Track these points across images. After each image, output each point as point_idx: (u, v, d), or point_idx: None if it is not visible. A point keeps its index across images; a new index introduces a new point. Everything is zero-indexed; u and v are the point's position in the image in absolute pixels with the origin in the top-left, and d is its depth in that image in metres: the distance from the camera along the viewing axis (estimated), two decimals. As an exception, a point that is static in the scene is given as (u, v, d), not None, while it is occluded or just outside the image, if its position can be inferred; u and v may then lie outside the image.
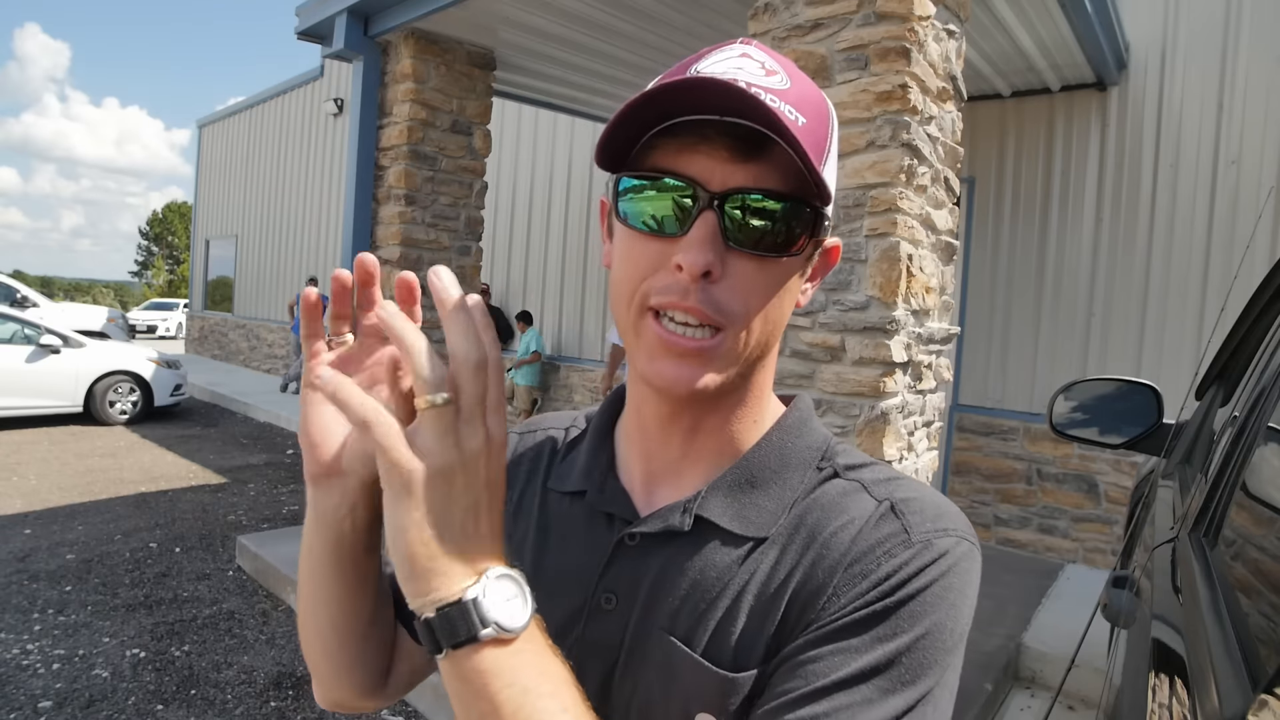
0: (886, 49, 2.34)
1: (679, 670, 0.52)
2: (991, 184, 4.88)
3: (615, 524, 0.59)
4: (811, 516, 0.54)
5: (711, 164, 0.49)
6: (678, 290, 0.49)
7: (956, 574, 0.50)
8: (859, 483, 0.55)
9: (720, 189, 0.49)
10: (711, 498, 0.56)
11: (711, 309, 0.50)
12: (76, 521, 4.92)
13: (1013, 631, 3.39)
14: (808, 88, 0.53)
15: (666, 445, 0.59)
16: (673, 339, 0.50)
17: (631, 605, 0.56)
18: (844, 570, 0.50)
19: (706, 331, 0.50)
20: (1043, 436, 4.62)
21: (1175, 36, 4.29)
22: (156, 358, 8.75)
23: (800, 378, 2.52)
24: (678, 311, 0.50)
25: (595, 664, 0.56)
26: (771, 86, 0.50)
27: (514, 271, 8.37)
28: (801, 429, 0.59)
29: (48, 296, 18.50)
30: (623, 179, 0.52)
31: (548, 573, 0.60)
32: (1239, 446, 1.14)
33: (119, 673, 3.04)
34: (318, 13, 4.14)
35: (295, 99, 12.35)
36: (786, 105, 0.49)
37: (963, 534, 0.52)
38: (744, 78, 0.50)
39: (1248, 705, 0.65)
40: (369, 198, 4.24)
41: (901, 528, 0.51)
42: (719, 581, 0.53)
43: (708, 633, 0.52)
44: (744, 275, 0.50)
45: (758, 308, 0.51)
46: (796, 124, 0.48)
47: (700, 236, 0.49)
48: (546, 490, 0.66)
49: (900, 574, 0.49)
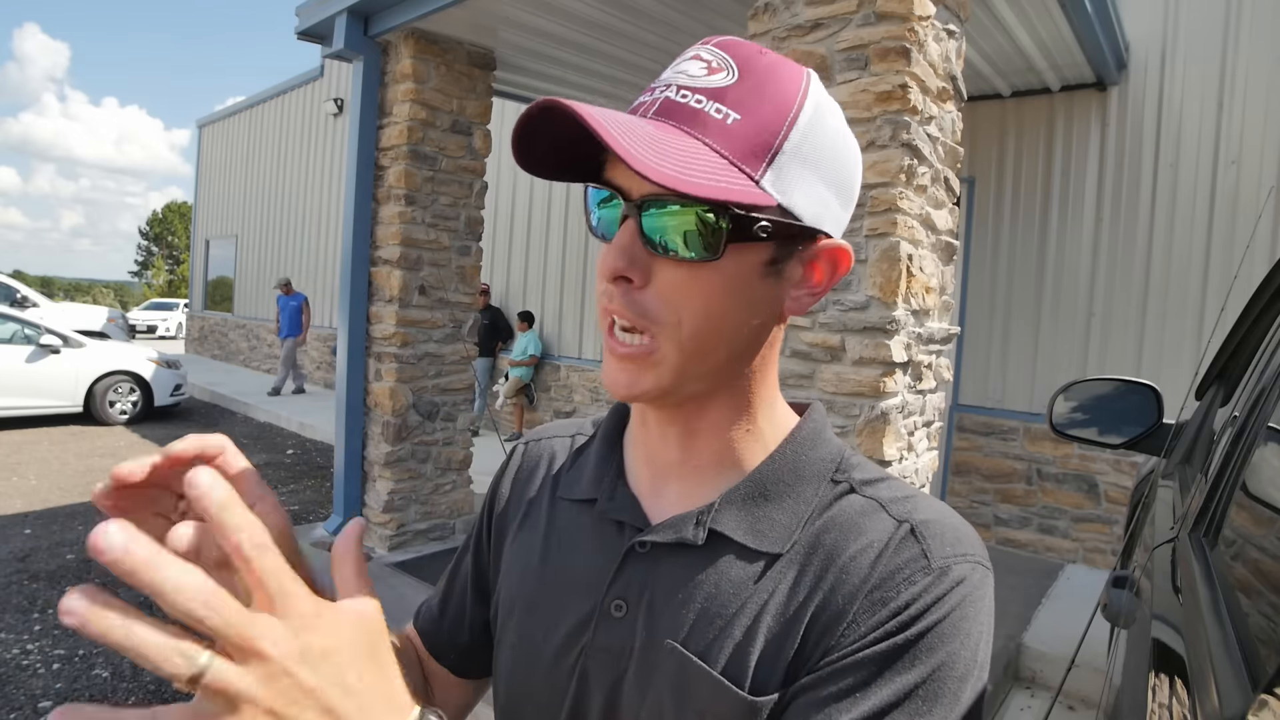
0: (886, 49, 2.34)
1: (694, 685, 0.52)
2: (991, 184, 4.88)
3: (625, 531, 0.59)
4: (829, 536, 0.53)
5: (631, 172, 0.49)
6: (608, 294, 0.51)
7: (973, 602, 0.50)
8: (877, 501, 0.54)
9: (637, 196, 0.50)
10: (725, 511, 0.56)
11: (635, 313, 0.50)
12: (76, 521, 4.92)
13: (1013, 631, 3.39)
14: (766, 83, 0.50)
15: (665, 448, 0.59)
16: (612, 343, 0.52)
17: (640, 613, 0.55)
18: (864, 597, 0.50)
19: (638, 337, 0.51)
20: (1043, 436, 4.62)
21: (1175, 36, 4.29)
22: (156, 358, 8.75)
23: (800, 378, 2.52)
24: (616, 317, 0.51)
25: (604, 671, 0.56)
26: (705, 86, 0.50)
27: (514, 271, 8.37)
28: (816, 441, 0.59)
29: (48, 296, 18.50)
30: (589, 189, 0.55)
31: (558, 580, 0.60)
32: (1239, 446, 1.14)
33: (119, 673, 3.04)
34: (318, 13, 4.14)
35: (295, 99, 12.35)
36: (714, 104, 0.49)
37: (979, 558, 0.52)
38: (681, 81, 0.50)
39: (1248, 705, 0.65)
40: (369, 198, 4.24)
41: (921, 552, 0.50)
42: (735, 598, 0.53)
43: (725, 651, 0.52)
44: (671, 281, 0.50)
45: (692, 314, 0.50)
46: (725, 122, 0.48)
47: (618, 243, 0.50)
48: (556, 499, 0.65)
49: (920, 602, 0.49)
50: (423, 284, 4.23)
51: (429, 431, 4.35)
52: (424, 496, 4.37)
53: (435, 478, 4.42)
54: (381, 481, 4.24)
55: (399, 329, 4.14)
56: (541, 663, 0.58)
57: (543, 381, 7.85)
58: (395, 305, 4.13)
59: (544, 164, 0.53)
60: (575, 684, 0.57)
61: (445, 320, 4.38)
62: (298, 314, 9.74)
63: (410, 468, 4.28)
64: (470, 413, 4.63)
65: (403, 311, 4.15)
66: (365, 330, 4.30)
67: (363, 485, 4.38)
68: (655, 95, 0.51)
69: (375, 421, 4.26)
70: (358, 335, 4.27)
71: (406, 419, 4.23)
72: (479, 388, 7.59)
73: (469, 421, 4.62)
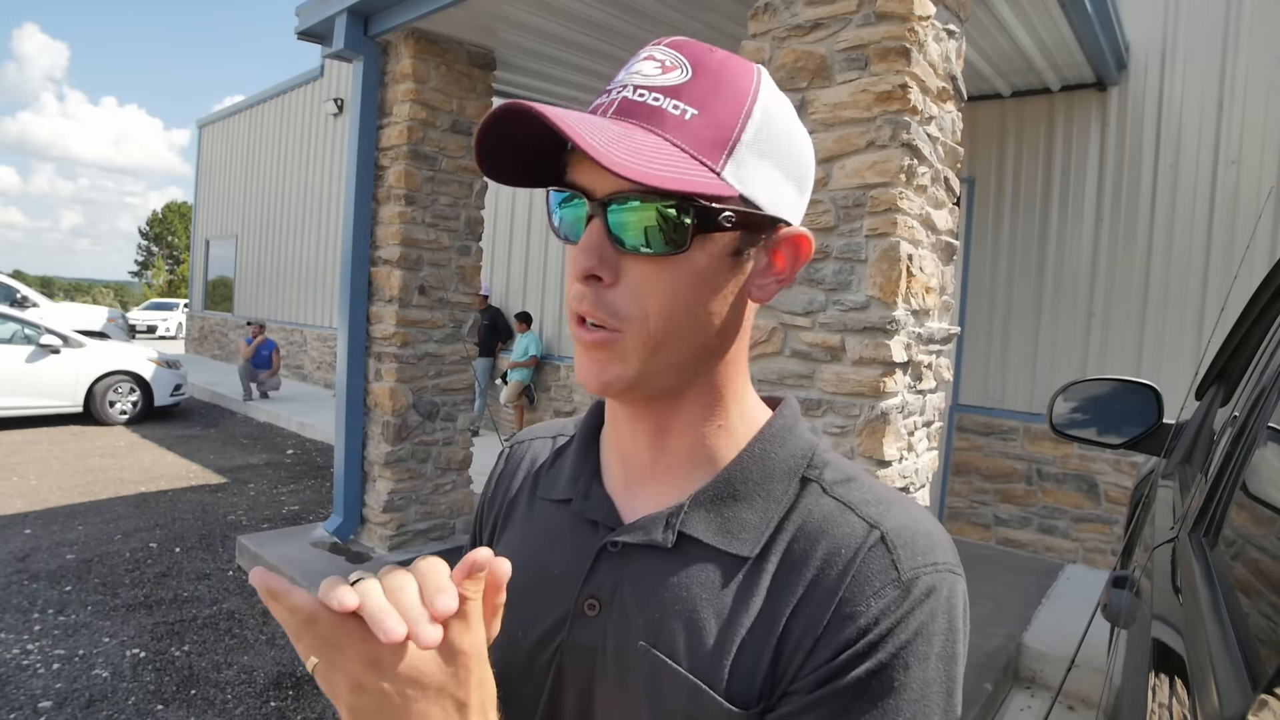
0: (886, 49, 2.34)
1: (668, 687, 0.52)
2: (991, 184, 4.88)
3: (599, 530, 0.59)
4: (800, 544, 0.53)
5: (595, 171, 0.50)
6: (577, 295, 0.52)
7: (945, 613, 0.50)
8: (847, 504, 0.54)
9: (601, 195, 0.50)
10: (694, 513, 0.56)
11: (605, 312, 0.51)
12: (76, 521, 4.92)
13: (1013, 631, 3.39)
14: (720, 79, 0.51)
15: (637, 448, 0.59)
16: (579, 332, 0.53)
17: (613, 612, 0.56)
18: (834, 610, 0.50)
19: (601, 332, 0.52)
20: (1043, 436, 4.62)
21: (1175, 36, 4.29)
22: (156, 358, 8.75)
23: (800, 378, 2.52)
24: (586, 315, 0.52)
25: (578, 670, 0.56)
26: (661, 84, 0.51)
27: (514, 271, 8.37)
28: (786, 437, 0.59)
29: (48, 296, 18.50)
30: (550, 191, 0.55)
31: (534, 580, 0.60)
32: (1239, 446, 1.14)
33: (119, 673, 3.04)
34: (318, 13, 4.14)
35: (295, 99, 12.35)
36: (671, 101, 0.50)
37: (950, 566, 0.52)
38: (636, 81, 0.51)
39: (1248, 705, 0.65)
40: (369, 198, 4.24)
41: (891, 563, 0.50)
42: (707, 603, 0.53)
43: (697, 654, 0.52)
44: (637, 276, 0.51)
45: (658, 307, 0.51)
46: (683, 118, 0.49)
47: (585, 242, 0.51)
48: (535, 499, 0.67)
49: (889, 619, 0.48)
50: (423, 284, 4.23)
51: (429, 431, 4.36)
52: (424, 496, 4.37)
53: (435, 478, 4.42)
54: (381, 481, 4.24)
55: (399, 329, 4.15)
56: (518, 659, 0.59)
57: (542, 382, 7.85)
58: (395, 305, 4.14)
59: (509, 170, 0.54)
60: (551, 681, 0.57)
61: (445, 320, 4.38)
62: (269, 359, 9.97)
63: (410, 468, 4.28)
64: (470, 413, 4.63)
65: (403, 311, 4.15)
66: (365, 330, 4.30)
67: (363, 485, 4.38)
68: (612, 96, 0.52)
69: (375, 421, 4.26)
70: (358, 335, 4.27)
71: (406, 419, 4.23)
72: (479, 388, 7.59)
73: (469, 421, 4.62)
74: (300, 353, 11.84)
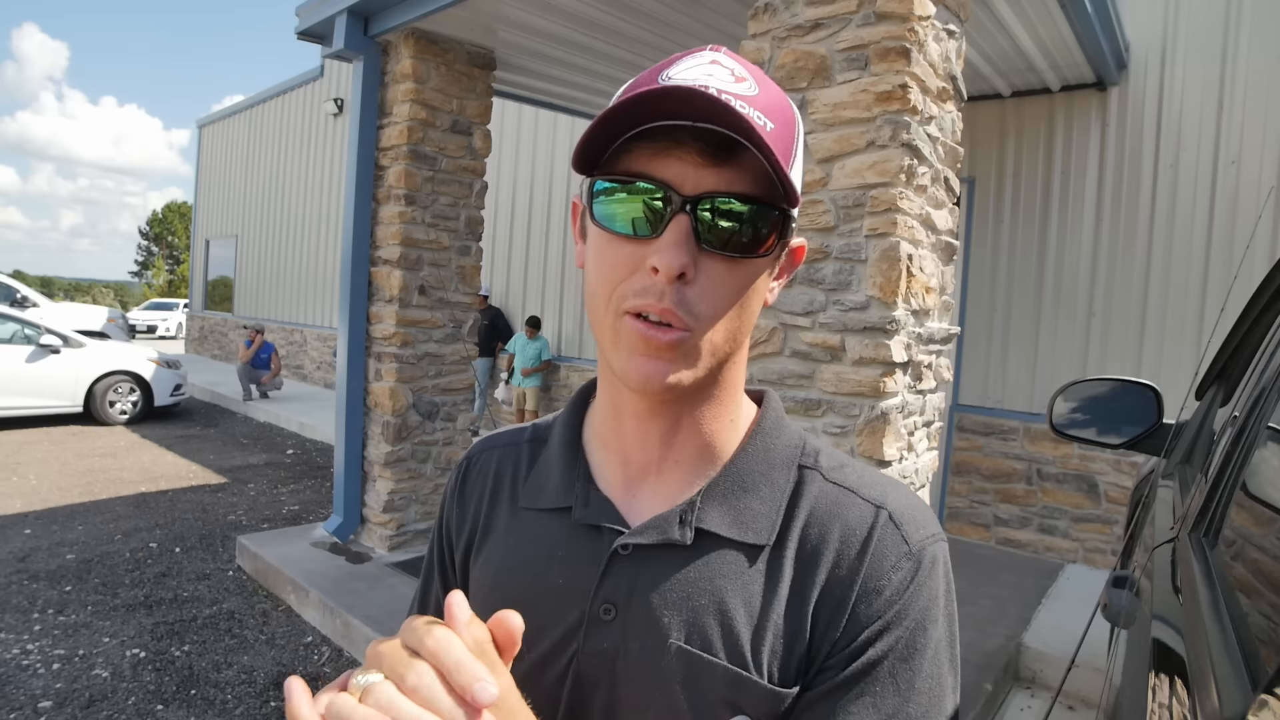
0: (886, 49, 2.34)
1: (707, 680, 0.53)
2: (991, 184, 4.88)
3: (605, 535, 0.59)
4: (815, 529, 0.56)
5: (684, 168, 0.50)
6: (654, 293, 0.50)
7: (944, 576, 0.57)
8: (849, 489, 0.58)
9: (693, 192, 0.50)
10: (708, 507, 0.57)
11: (684, 310, 0.51)
12: (76, 521, 4.92)
13: (1013, 631, 3.39)
14: (775, 94, 0.54)
15: (645, 446, 0.59)
16: (650, 333, 0.51)
17: (631, 615, 0.56)
18: (859, 586, 0.54)
19: (676, 331, 0.52)
20: (1043, 436, 4.62)
21: (1175, 36, 4.29)
22: (156, 358, 8.75)
23: (800, 378, 2.52)
24: (652, 313, 0.51)
25: (599, 676, 0.56)
26: (740, 93, 0.51)
27: (514, 271, 8.37)
28: (779, 429, 0.61)
29: (48, 296, 18.51)
30: (597, 182, 0.53)
31: (534, 592, 0.59)
32: (1239, 446, 1.14)
33: (119, 673, 3.04)
34: (318, 13, 4.14)
35: (295, 99, 12.35)
36: (755, 111, 0.50)
37: (941, 534, 0.58)
38: (714, 84, 0.50)
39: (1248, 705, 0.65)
40: (369, 198, 4.24)
41: (901, 538, 0.55)
42: (733, 594, 0.54)
43: (732, 644, 0.53)
44: (714, 276, 0.52)
45: (726, 307, 0.52)
46: (765, 129, 0.49)
47: (674, 239, 0.50)
48: (518, 510, 0.65)
49: (910, 590, 0.54)
50: (423, 284, 4.23)
51: (429, 431, 4.36)
52: (424, 496, 4.37)
53: (435, 478, 4.42)
54: (381, 481, 4.24)
55: (399, 329, 4.15)
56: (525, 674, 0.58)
57: (544, 383, 7.84)
58: (395, 305, 4.14)
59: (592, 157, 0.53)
60: (569, 690, 0.57)
61: (445, 320, 4.38)
62: (267, 361, 10.00)
63: (410, 468, 4.28)
64: (470, 413, 4.63)
65: (403, 311, 4.15)
66: (365, 330, 4.30)
67: (363, 485, 4.38)
68: None
69: (375, 421, 4.26)
70: (358, 335, 4.27)
71: (406, 419, 4.23)
72: (479, 388, 7.59)
73: (469, 421, 4.62)
74: (300, 353, 11.85)
